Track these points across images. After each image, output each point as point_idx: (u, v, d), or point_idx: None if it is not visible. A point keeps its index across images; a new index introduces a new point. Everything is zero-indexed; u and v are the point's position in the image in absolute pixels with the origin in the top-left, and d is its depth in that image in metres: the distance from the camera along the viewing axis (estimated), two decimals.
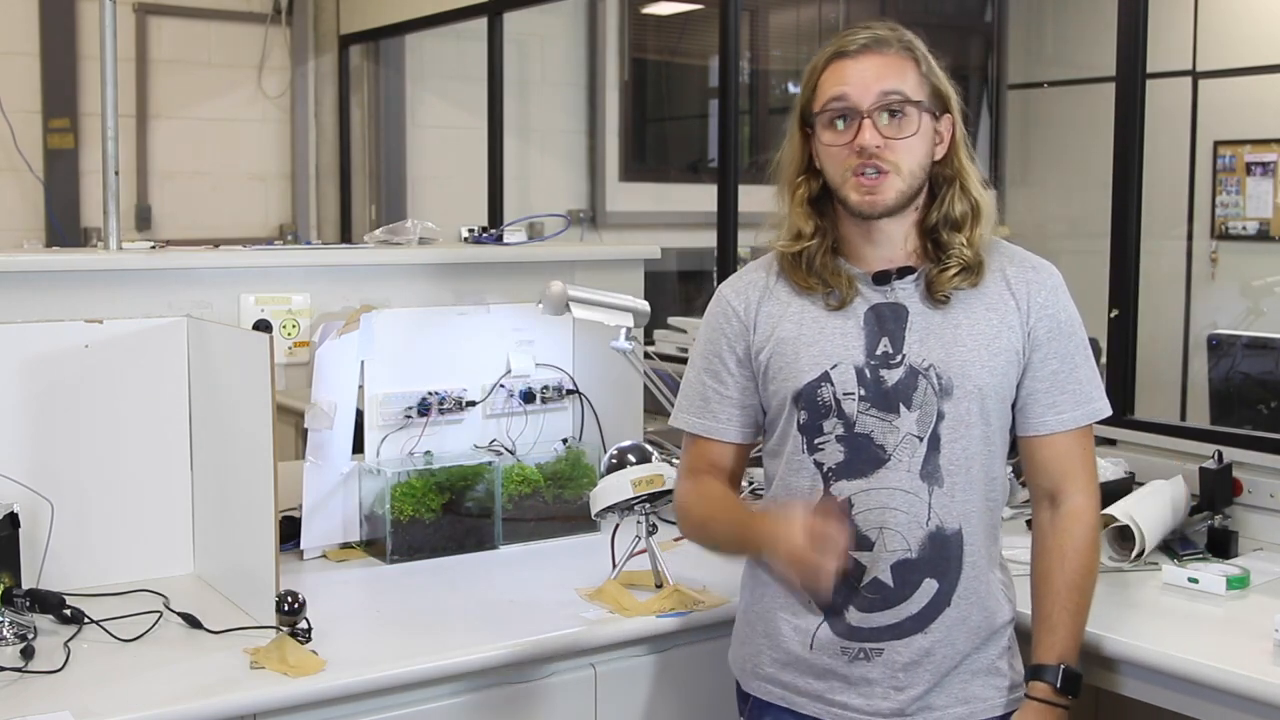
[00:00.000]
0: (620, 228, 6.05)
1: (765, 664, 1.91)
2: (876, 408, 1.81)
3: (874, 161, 1.78)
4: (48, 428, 2.29)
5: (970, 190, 1.86)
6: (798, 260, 1.87)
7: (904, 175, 1.80)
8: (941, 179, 1.86)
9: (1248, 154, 5.50)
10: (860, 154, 1.78)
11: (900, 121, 1.79)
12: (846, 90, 1.79)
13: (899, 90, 1.79)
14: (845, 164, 1.80)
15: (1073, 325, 1.88)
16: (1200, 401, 4.36)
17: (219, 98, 5.70)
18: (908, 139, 1.79)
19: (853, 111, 1.79)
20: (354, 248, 2.87)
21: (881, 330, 1.82)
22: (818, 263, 1.86)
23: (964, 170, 1.87)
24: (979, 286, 1.84)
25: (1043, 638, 1.85)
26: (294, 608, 1.95)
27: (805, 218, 1.87)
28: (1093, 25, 5.78)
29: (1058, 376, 1.85)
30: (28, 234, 5.20)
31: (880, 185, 1.79)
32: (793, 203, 1.89)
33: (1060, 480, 1.88)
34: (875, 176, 1.79)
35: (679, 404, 1.99)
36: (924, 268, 1.85)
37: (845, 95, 1.79)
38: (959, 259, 1.83)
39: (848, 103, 1.79)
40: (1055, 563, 1.86)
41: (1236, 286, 5.37)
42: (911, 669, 1.82)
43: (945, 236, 1.84)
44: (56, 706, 1.78)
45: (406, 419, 2.62)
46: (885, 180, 1.79)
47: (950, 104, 1.85)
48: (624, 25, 6.15)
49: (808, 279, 1.86)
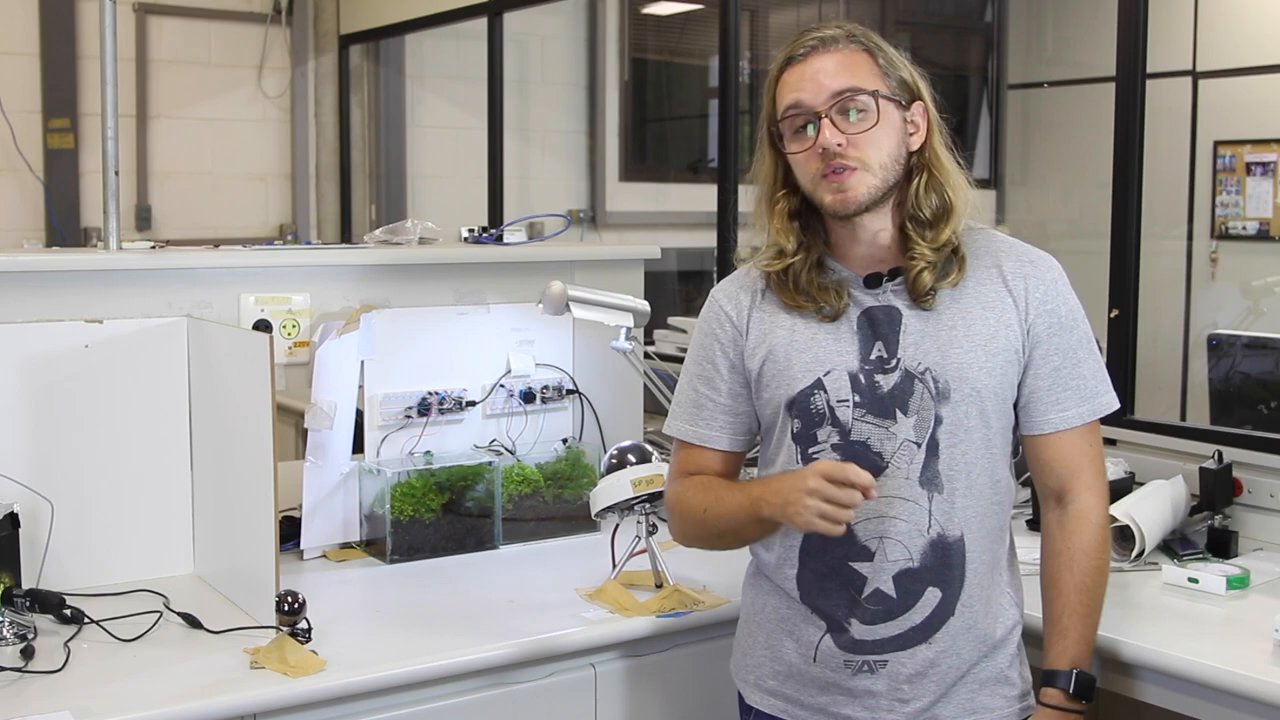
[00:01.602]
0: (620, 228, 6.05)
1: (767, 676, 1.89)
2: (872, 414, 1.77)
3: (838, 161, 1.75)
4: (48, 428, 2.29)
5: (939, 180, 1.80)
6: (784, 279, 1.83)
7: (873, 169, 1.76)
8: (916, 167, 1.81)
9: (1248, 154, 5.50)
10: (824, 156, 1.75)
11: (860, 116, 1.76)
12: (800, 96, 1.77)
13: (851, 85, 1.75)
14: (813, 168, 1.77)
15: (1074, 318, 1.83)
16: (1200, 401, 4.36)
17: (219, 98, 5.70)
18: (869, 131, 1.75)
19: (810, 115, 1.76)
20: (354, 248, 2.87)
21: (875, 334, 1.79)
22: (804, 279, 1.82)
23: (936, 159, 1.81)
24: (975, 284, 1.80)
25: (1054, 642, 1.81)
26: (294, 608, 1.95)
27: (787, 234, 1.83)
28: (1093, 25, 5.78)
29: (1060, 373, 1.80)
30: (28, 234, 5.20)
31: (848, 182, 1.75)
32: (772, 219, 1.85)
33: (1067, 479, 1.84)
34: (842, 173, 1.75)
35: (671, 411, 1.97)
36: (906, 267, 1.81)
37: (799, 101, 1.77)
38: (922, 259, 1.78)
39: (803, 108, 1.76)
40: (1064, 566, 1.82)
41: (1236, 286, 5.37)
42: (916, 680, 1.78)
43: (913, 234, 1.79)
44: (56, 706, 1.78)
45: (406, 419, 2.62)
46: (854, 176, 1.75)
47: (919, 91, 1.81)
48: (624, 25, 6.15)
49: (796, 297, 1.82)
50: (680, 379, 1.97)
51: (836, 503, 1.65)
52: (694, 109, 6.49)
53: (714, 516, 1.87)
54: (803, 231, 1.84)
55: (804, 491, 1.67)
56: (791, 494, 1.69)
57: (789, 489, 1.70)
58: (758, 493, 1.78)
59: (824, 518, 1.67)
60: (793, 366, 1.81)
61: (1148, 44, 2.76)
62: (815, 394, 1.79)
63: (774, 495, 1.73)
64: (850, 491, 1.65)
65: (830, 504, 1.65)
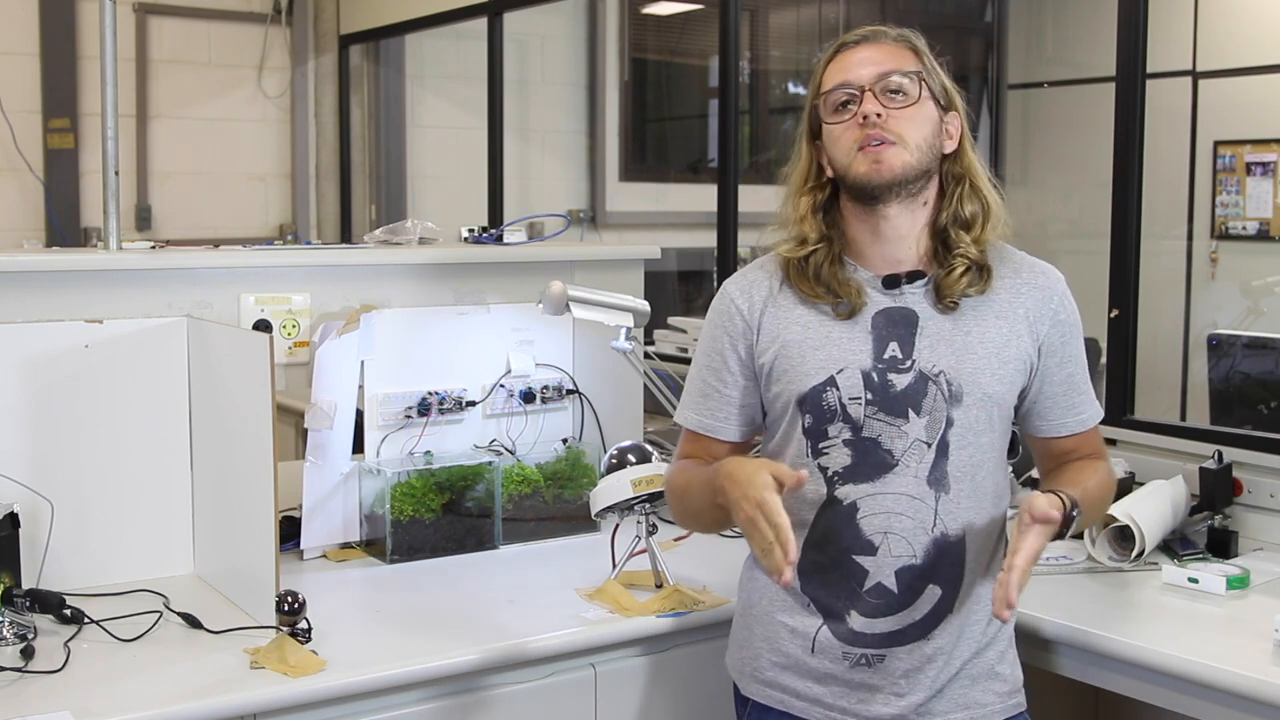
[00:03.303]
0: (620, 228, 6.05)
1: (764, 667, 1.90)
2: (885, 412, 1.80)
3: (877, 131, 1.79)
4: (48, 428, 2.29)
5: (980, 189, 1.86)
6: (804, 267, 1.86)
7: (909, 147, 1.80)
8: (951, 177, 1.86)
9: (1248, 154, 5.50)
10: (864, 124, 1.79)
11: (902, 97, 1.81)
12: (847, 76, 1.82)
13: (895, 67, 1.82)
14: (851, 139, 1.81)
15: (1078, 328, 1.91)
16: (1200, 401, 4.36)
17: (219, 98, 5.70)
18: (909, 108, 1.80)
19: (853, 91, 1.81)
20: (354, 248, 2.86)
21: (890, 334, 1.82)
22: (825, 272, 1.84)
23: (974, 169, 1.87)
24: (989, 294, 1.84)
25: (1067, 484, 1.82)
26: (294, 608, 1.95)
27: (812, 225, 1.87)
28: (1093, 25, 5.78)
29: (1074, 379, 1.89)
30: (28, 234, 5.20)
31: (885, 153, 1.79)
32: (799, 209, 1.88)
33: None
34: (880, 145, 1.79)
35: (683, 400, 1.99)
36: (934, 273, 1.84)
37: (847, 81, 1.82)
38: (965, 258, 1.82)
39: (849, 86, 1.82)
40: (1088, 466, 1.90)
41: (1236, 286, 5.37)
42: (913, 675, 1.81)
43: (954, 235, 1.84)
44: (56, 706, 1.78)
45: (406, 419, 2.62)
46: (890, 150, 1.79)
47: (955, 102, 1.87)
48: (624, 25, 6.15)
49: (815, 288, 1.85)
50: (691, 367, 2.00)
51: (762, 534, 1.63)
52: (694, 109, 6.49)
53: (690, 497, 1.90)
54: (827, 226, 1.87)
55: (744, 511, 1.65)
56: (741, 498, 1.66)
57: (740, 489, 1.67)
58: (718, 480, 1.75)
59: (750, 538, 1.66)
60: (806, 363, 1.83)
61: (1148, 44, 2.76)
62: (828, 390, 1.82)
63: (731, 487, 1.70)
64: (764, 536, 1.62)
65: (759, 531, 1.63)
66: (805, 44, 6.26)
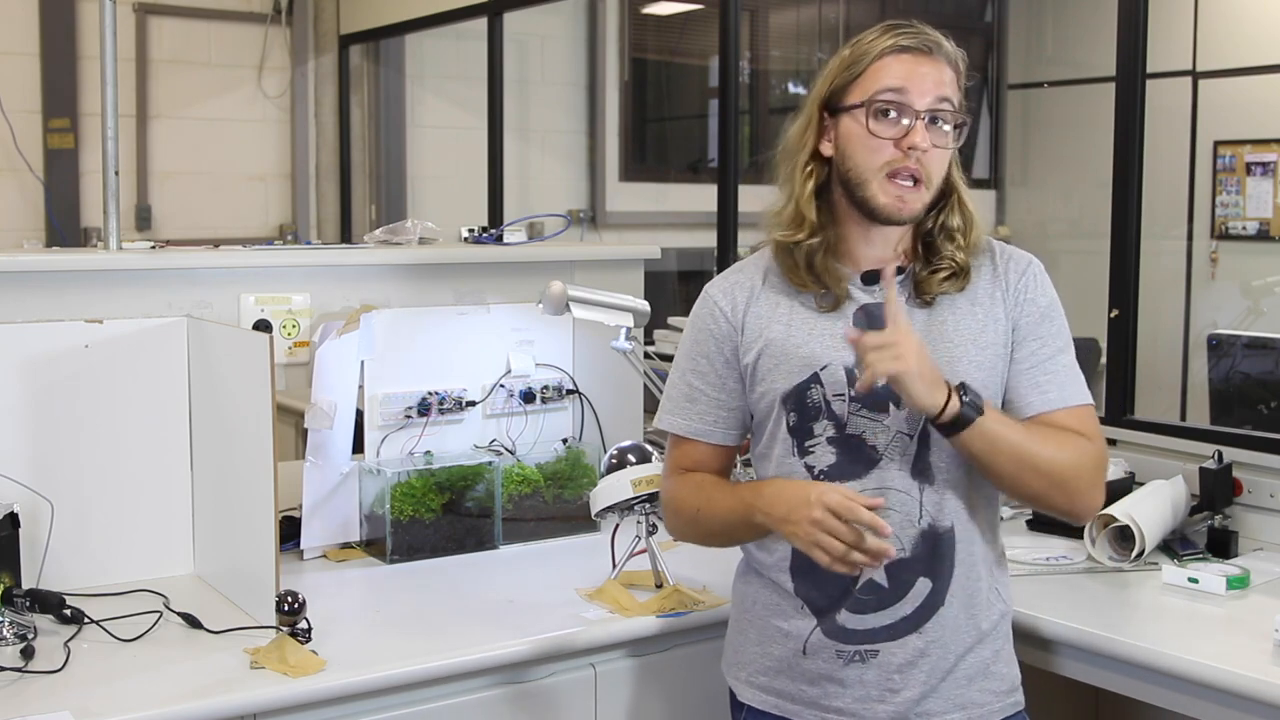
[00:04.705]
0: (620, 228, 6.05)
1: (759, 672, 1.90)
2: (867, 408, 1.80)
3: (914, 168, 1.76)
4: (48, 428, 2.29)
5: (965, 204, 1.86)
6: (795, 255, 1.85)
7: (931, 188, 1.79)
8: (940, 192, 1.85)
9: (1248, 154, 5.50)
10: (908, 153, 1.75)
11: (943, 133, 1.78)
12: (907, 86, 1.76)
13: (951, 100, 1.78)
14: (883, 159, 1.77)
15: (1053, 311, 1.86)
16: (1200, 401, 4.36)
17: (219, 98, 5.70)
18: (943, 150, 1.79)
19: (908, 109, 1.76)
20: (354, 248, 2.87)
21: (871, 330, 1.79)
22: (817, 261, 1.84)
23: (960, 185, 1.87)
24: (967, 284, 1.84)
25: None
26: (294, 608, 1.95)
27: (811, 207, 1.84)
28: (1093, 25, 5.78)
29: (1037, 357, 1.83)
30: (28, 234, 5.20)
31: (910, 195, 1.77)
32: (801, 188, 1.85)
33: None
34: (912, 185, 1.77)
35: (663, 405, 1.97)
36: (912, 267, 1.85)
37: (905, 91, 1.76)
38: (950, 263, 1.82)
39: (905, 99, 1.76)
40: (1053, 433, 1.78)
41: (1236, 286, 5.37)
42: (907, 670, 1.80)
43: (939, 243, 1.84)
44: (56, 706, 1.78)
45: (406, 419, 2.62)
46: (917, 191, 1.77)
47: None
48: (624, 25, 6.15)
49: (803, 276, 1.84)
50: (671, 373, 1.98)
51: (838, 536, 1.66)
52: (694, 109, 6.49)
53: (706, 517, 1.89)
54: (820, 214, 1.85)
55: (807, 519, 1.68)
56: (794, 513, 1.70)
57: (791, 506, 1.71)
58: (752, 499, 1.79)
59: (819, 546, 1.68)
60: (789, 360, 1.83)
61: (1148, 44, 2.76)
62: (812, 388, 1.82)
63: (773, 507, 1.74)
64: (851, 529, 1.66)
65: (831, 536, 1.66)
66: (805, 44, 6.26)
